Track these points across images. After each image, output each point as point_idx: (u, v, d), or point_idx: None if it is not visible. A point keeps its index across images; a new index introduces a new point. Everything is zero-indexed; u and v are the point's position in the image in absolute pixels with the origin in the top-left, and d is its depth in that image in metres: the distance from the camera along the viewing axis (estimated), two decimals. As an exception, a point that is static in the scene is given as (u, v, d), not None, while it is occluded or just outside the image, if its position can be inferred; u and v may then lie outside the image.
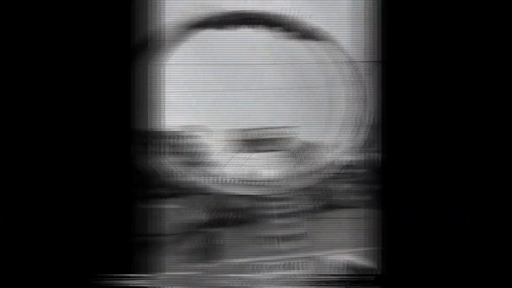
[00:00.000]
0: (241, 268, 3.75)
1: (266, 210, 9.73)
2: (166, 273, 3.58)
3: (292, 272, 4.02)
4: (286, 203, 9.81)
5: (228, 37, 20.16)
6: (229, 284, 3.90)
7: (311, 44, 18.72)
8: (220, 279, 3.62)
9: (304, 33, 18.67)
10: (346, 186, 11.94)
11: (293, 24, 18.92)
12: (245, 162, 16.22)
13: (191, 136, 14.77)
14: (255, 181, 14.62)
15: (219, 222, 10.63)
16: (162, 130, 16.27)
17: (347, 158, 13.81)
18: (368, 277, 3.11)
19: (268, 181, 13.46)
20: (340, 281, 3.51)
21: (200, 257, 6.39)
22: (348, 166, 14.84)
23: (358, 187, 11.80)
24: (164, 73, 17.65)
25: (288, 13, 18.84)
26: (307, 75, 18.87)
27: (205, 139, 15.06)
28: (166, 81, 17.85)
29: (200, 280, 3.44)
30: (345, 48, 16.95)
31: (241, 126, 12.89)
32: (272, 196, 10.48)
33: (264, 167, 13.74)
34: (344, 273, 3.48)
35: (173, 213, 11.27)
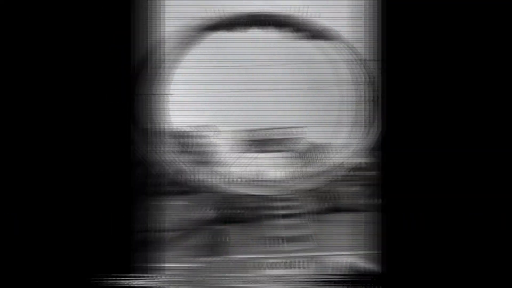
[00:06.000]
0: (244, 265, 3.74)
1: (272, 210, 9.74)
2: (167, 272, 3.54)
3: (294, 271, 3.99)
4: (292, 204, 9.78)
5: (238, 38, 20.30)
6: (231, 282, 3.88)
7: (321, 43, 18.64)
8: (222, 278, 3.61)
9: (313, 33, 18.62)
10: (354, 188, 11.80)
11: (302, 24, 18.90)
12: (252, 162, 16.30)
13: (200, 136, 15.09)
14: (262, 181, 14.67)
15: (225, 220, 10.71)
16: (172, 129, 16.60)
17: (355, 160, 13.69)
18: (369, 278, 3.05)
19: (275, 181, 13.50)
20: (341, 281, 3.47)
21: (205, 253, 6.46)
22: (357, 168, 14.70)
23: (365, 190, 11.66)
24: (174, 74, 18.00)
25: (297, 13, 18.82)
26: (317, 75, 18.81)
27: (213, 139, 15.33)
28: (177, 82, 18.25)
29: (202, 279, 3.43)
30: (355, 47, 16.81)
31: (249, 126, 13.00)
32: (278, 196, 10.47)
33: (271, 167, 13.78)
34: (346, 274, 3.43)
35: (180, 210, 11.43)
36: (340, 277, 3.53)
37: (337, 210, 11.71)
